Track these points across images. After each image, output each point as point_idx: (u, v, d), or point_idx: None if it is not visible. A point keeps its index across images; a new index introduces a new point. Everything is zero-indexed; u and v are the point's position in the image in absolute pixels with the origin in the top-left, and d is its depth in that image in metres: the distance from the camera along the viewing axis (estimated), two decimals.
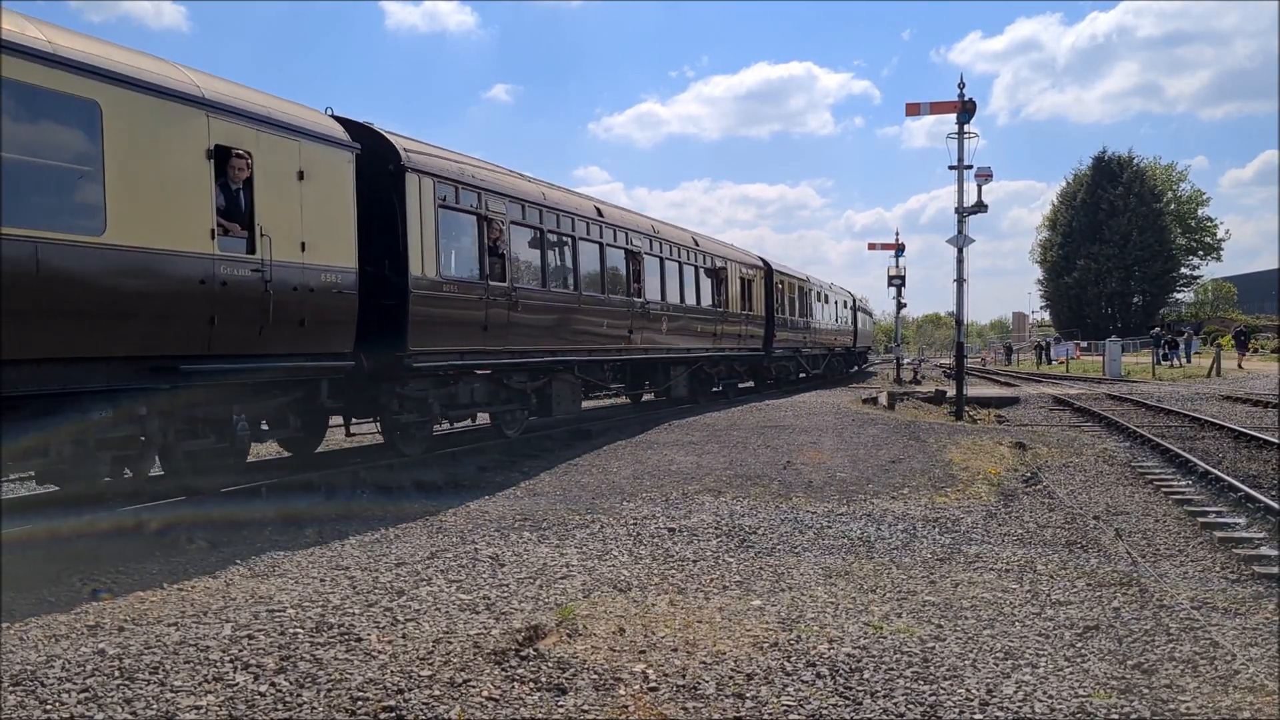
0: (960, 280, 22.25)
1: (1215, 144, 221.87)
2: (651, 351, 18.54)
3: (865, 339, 48.85)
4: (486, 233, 12.62)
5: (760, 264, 26.40)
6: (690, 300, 20.66)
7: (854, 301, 42.79)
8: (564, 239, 15.10)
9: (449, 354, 12.00)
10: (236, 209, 8.83)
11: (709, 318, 21.61)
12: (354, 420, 12.09)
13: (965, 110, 21.49)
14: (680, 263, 20.14)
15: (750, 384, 28.16)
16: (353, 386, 10.95)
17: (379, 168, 10.94)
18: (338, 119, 10.68)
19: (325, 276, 9.77)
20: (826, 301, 35.63)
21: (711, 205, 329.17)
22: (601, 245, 16.33)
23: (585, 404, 20.88)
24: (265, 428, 10.18)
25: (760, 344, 25.75)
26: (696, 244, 21.45)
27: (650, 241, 18.51)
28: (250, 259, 8.87)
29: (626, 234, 17.39)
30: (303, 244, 9.47)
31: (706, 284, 21.65)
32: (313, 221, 9.64)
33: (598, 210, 16.47)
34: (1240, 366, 40.76)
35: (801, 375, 32.56)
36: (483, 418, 14.58)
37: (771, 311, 26.46)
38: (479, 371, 13.09)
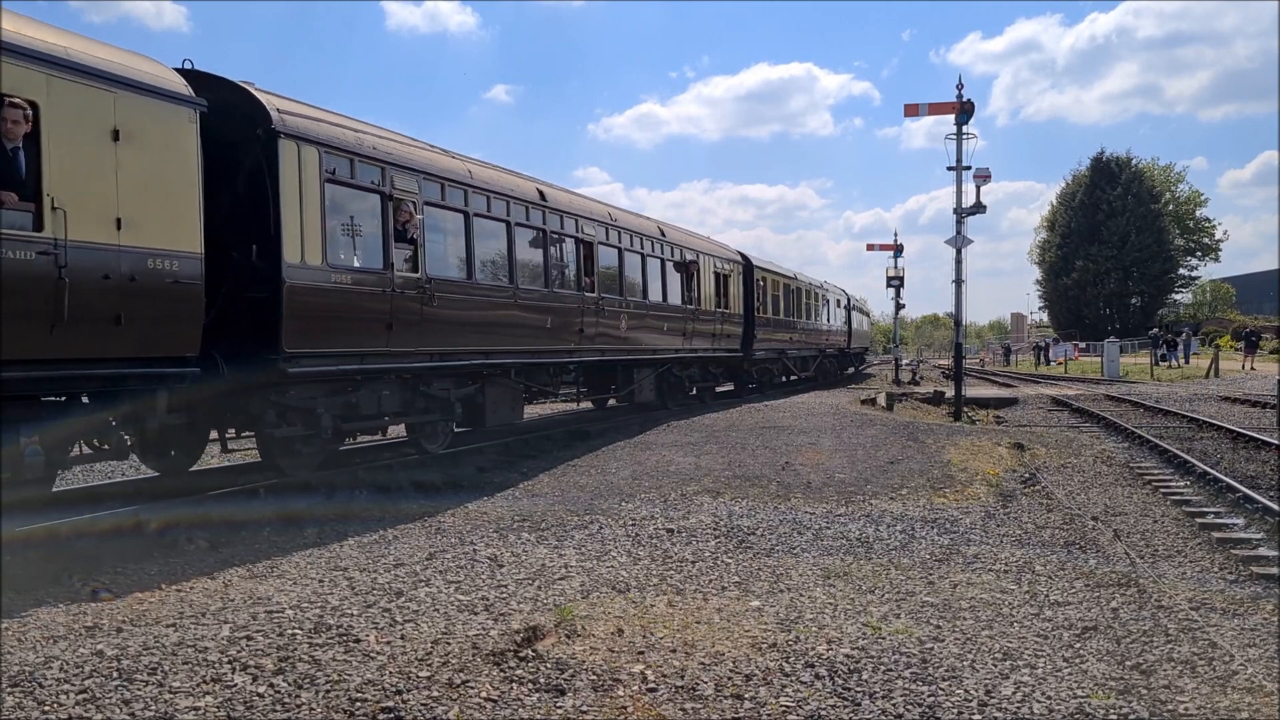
0: (959, 281, 22.28)
1: (1214, 145, 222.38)
2: (610, 353, 16.73)
3: (861, 339, 47.25)
4: (393, 215, 10.83)
5: (738, 258, 24.86)
6: (656, 296, 18.88)
7: (848, 300, 41.45)
8: (497, 224, 13.25)
9: (342, 356, 10.24)
10: (12, 174, 7.00)
11: (678, 315, 19.84)
12: (231, 434, 10.33)
13: (964, 111, 21.53)
14: (644, 254, 18.30)
15: (729, 387, 26.64)
16: (217, 396, 9.22)
17: (245, 132, 9.22)
18: (187, 72, 8.98)
19: (154, 263, 7.89)
20: (816, 300, 34.01)
21: (711, 206, 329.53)
22: (544, 233, 14.38)
23: (534, 411, 19.85)
24: (92, 449, 8.51)
25: (738, 344, 24.14)
26: (663, 234, 19.67)
27: (607, 230, 16.64)
28: (36, 238, 7.01)
29: (577, 221, 15.49)
30: (119, 221, 7.60)
31: (675, 279, 19.93)
32: (135, 194, 7.76)
33: (540, 193, 14.50)
34: (1248, 368, 40.20)
35: (789, 378, 31.20)
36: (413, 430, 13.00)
37: (751, 310, 24.81)
38: (393, 377, 11.41)
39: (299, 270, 9.42)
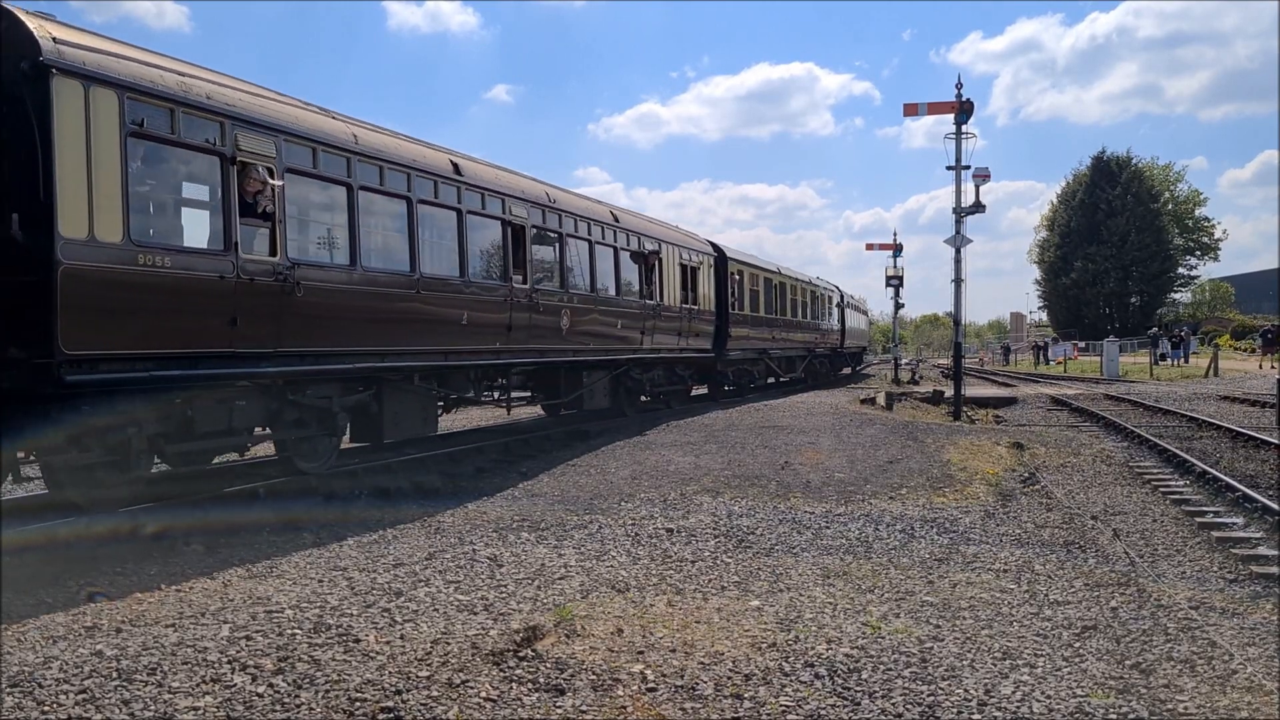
0: (958, 280, 22.27)
1: (1214, 144, 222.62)
2: (549, 353, 14.62)
3: (857, 339, 45.28)
4: (238, 183, 8.77)
5: (709, 250, 22.77)
6: (607, 289, 16.69)
7: (841, 298, 39.55)
8: (394, 201, 11.19)
9: (160, 360, 8.14)
10: None
11: (635, 311, 17.65)
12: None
13: (963, 111, 21.51)
14: (592, 242, 16.09)
15: (704, 390, 24.97)
16: None
17: (7, 66, 7.28)
18: None
19: None
20: (805, 296, 31.96)
21: (711, 206, 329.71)
22: (460, 213, 12.29)
23: (458, 419, 17.79)
24: None
25: (710, 343, 22.10)
26: (616, 220, 17.47)
27: (544, 212, 14.48)
28: None
29: (504, 201, 13.36)
30: None
31: (632, 270, 17.82)
32: None
33: (454, 166, 12.40)
34: (1266, 367, 39.40)
35: (774, 380, 29.53)
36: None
37: (725, 305, 22.81)
38: (249, 384, 9.38)
39: (84, 249, 7.39)
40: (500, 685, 4.61)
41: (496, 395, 14.70)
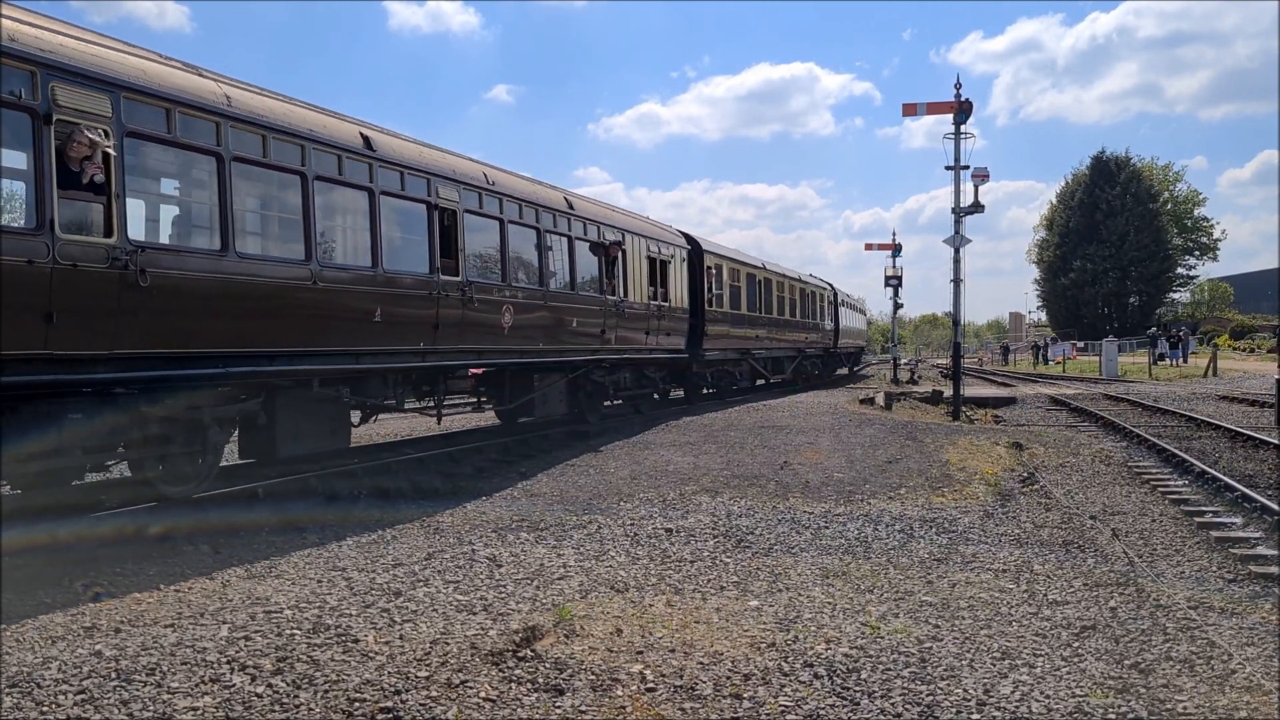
0: (957, 280, 22.27)
1: (1214, 144, 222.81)
2: (488, 354, 13.01)
3: (852, 338, 43.47)
4: (56, 147, 7.17)
5: (682, 242, 21.11)
6: (559, 283, 15.05)
7: (835, 295, 37.90)
8: (282, 176, 9.59)
9: None
10: None
11: (593, 308, 16.02)
12: None
13: (961, 111, 21.51)
14: (540, 230, 14.43)
15: (682, 393, 23.44)
16: None
17: None
18: None
19: None
20: (793, 293, 30.26)
21: (711, 206, 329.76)
22: (372, 193, 10.63)
23: (381, 428, 16.61)
24: None
25: (683, 343, 20.53)
26: (571, 207, 15.69)
27: (480, 196, 12.87)
28: None
29: (430, 181, 11.73)
30: None
31: (590, 263, 16.20)
32: None
33: (363, 138, 10.69)
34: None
35: (764, 382, 28.31)
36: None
37: (700, 302, 21.30)
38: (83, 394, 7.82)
39: None
40: (499, 685, 4.61)
41: (441, 400, 13.12)
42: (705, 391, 23.77)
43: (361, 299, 10.40)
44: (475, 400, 14.67)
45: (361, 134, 10.72)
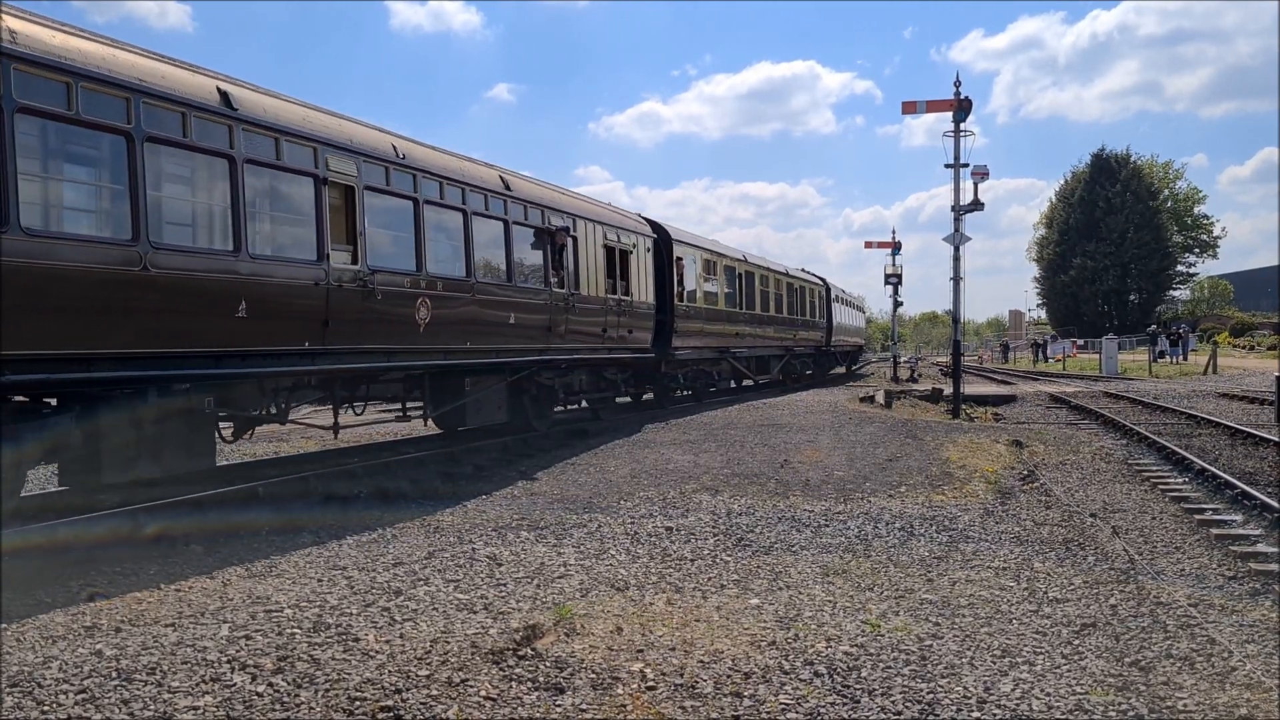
0: (957, 278, 22.26)
1: (1214, 142, 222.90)
2: (399, 354, 11.36)
3: (849, 336, 41.95)
4: None
5: (646, 230, 19.31)
6: (493, 273, 13.40)
7: (828, 291, 36.16)
8: (98, 137, 7.92)
9: None
10: None
11: (537, 302, 14.38)
12: None
13: (961, 108, 21.49)
14: (469, 213, 12.71)
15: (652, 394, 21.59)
16: None
17: None
18: None
19: None
20: (779, 288, 28.60)
21: (712, 204, 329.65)
22: (233, 161, 8.98)
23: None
24: None
25: (649, 341, 18.86)
26: (508, 188, 13.88)
27: (387, 171, 11.15)
28: None
29: (316, 150, 10.01)
30: None
31: (533, 251, 14.51)
32: None
33: (224, 96, 8.96)
34: None
35: (748, 383, 27.00)
36: None
37: (669, 296, 19.72)
38: None
39: None
40: (500, 684, 4.61)
41: (338, 408, 11.51)
42: (679, 393, 22.29)
43: (218, 290, 8.72)
44: (400, 408, 13.03)
45: (219, 89, 8.97)
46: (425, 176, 11.90)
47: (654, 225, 19.98)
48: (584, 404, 17.95)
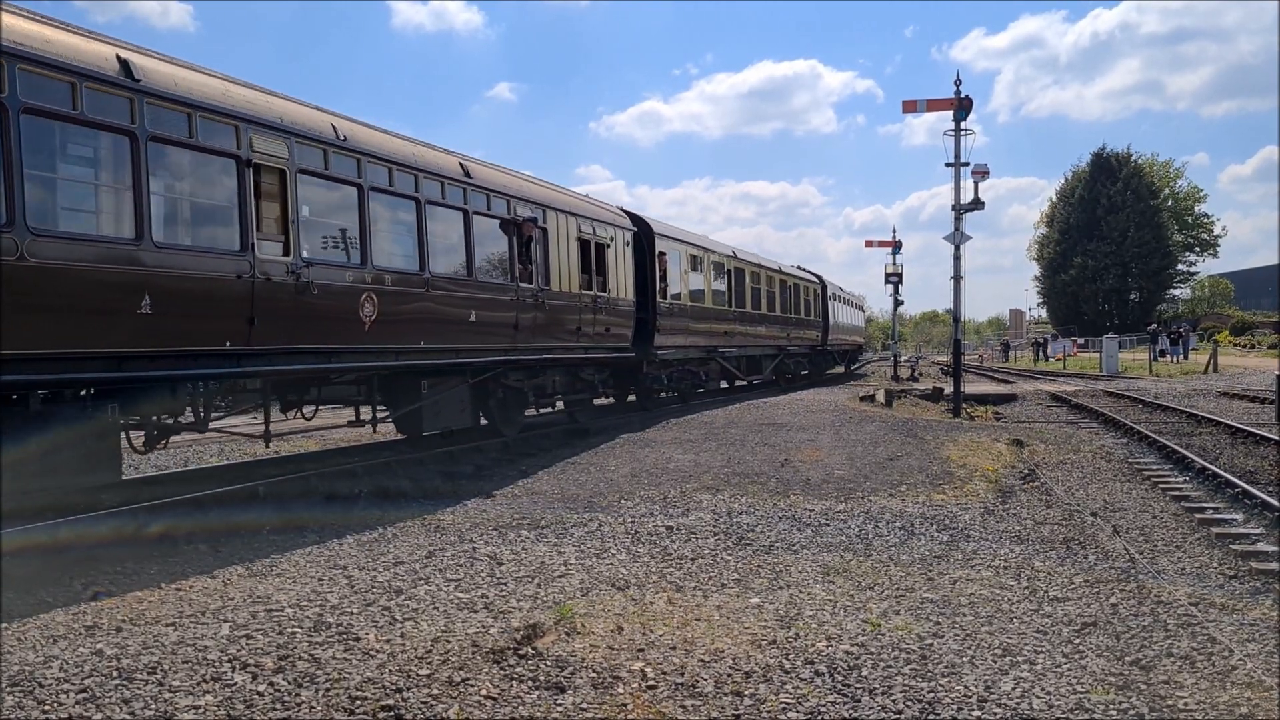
0: (957, 277, 22.25)
1: (1216, 141, 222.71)
2: (341, 355, 10.41)
3: (846, 334, 41.09)
4: None
5: (626, 223, 18.35)
6: (448, 266, 12.37)
7: (824, 289, 35.34)
8: None
9: None
10: None
11: (502, 298, 13.42)
12: None
13: (961, 107, 21.47)
14: (421, 201, 11.76)
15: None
16: None
17: None
18: None
19: None
20: (772, 285, 27.73)
21: (713, 204, 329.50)
22: (134, 138, 7.99)
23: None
24: None
25: (629, 340, 18.00)
26: (468, 175, 12.95)
27: (326, 154, 10.18)
28: None
29: (238, 129, 9.07)
30: None
31: (497, 243, 13.56)
32: None
33: (125, 66, 8.01)
34: None
35: (741, 383, 26.35)
36: None
37: (651, 293, 18.83)
38: None
39: None
40: (501, 683, 4.62)
41: (269, 413, 10.46)
42: (663, 395, 21.20)
43: (115, 283, 7.77)
44: (355, 413, 12.32)
45: (120, 57, 7.98)
46: (372, 161, 10.93)
47: (634, 218, 19.14)
48: (559, 406, 17.05)
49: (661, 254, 19.56)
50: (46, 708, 4.27)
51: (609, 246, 17.06)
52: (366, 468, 11.40)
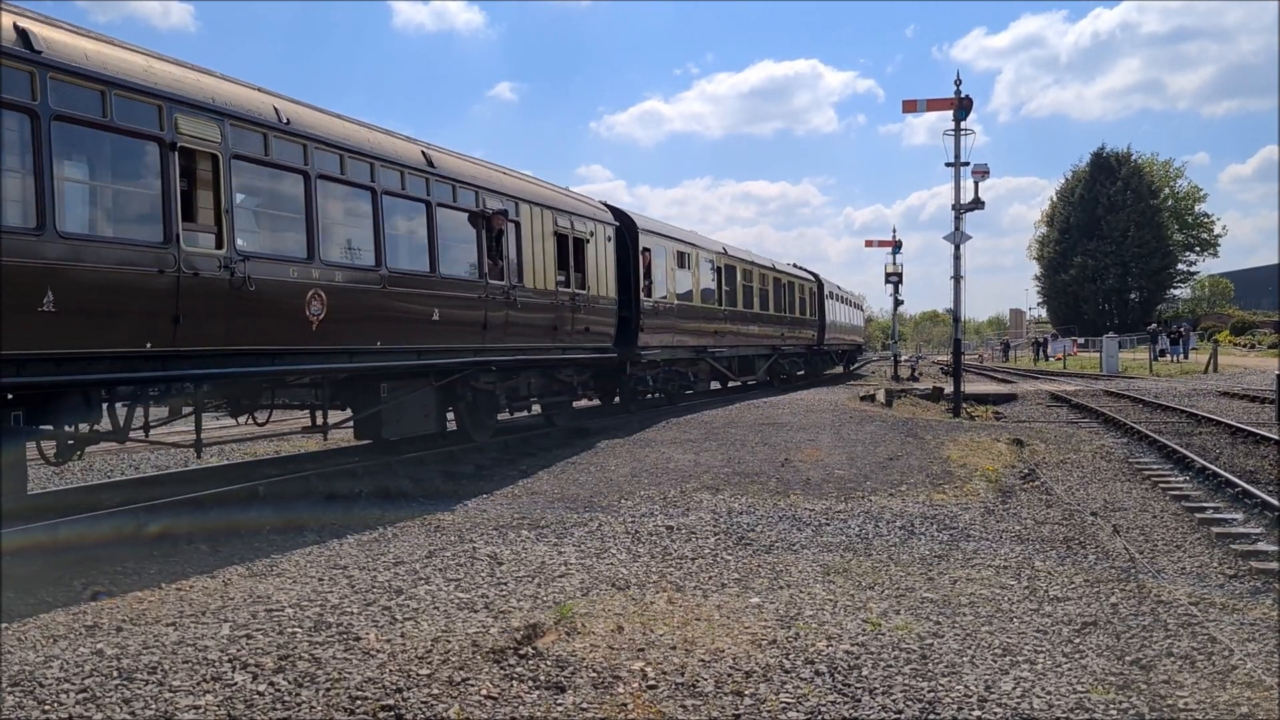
0: (957, 277, 22.26)
1: (1216, 140, 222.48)
2: (286, 356, 9.64)
3: (844, 334, 40.35)
4: None
5: (607, 217, 17.56)
6: (408, 261, 11.60)
7: (820, 287, 34.66)
8: None
9: None
10: None
11: (469, 296, 12.66)
12: None
13: (961, 107, 21.47)
14: (377, 191, 10.92)
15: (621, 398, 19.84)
16: None
17: None
18: None
19: None
20: (765, 284, 27.06)
21: (713, 203, 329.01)
22: (35, 117, 7.18)
23: None
24: None
25: (610, 340, 17.26)
26: (431, 165, 12.14)
27: (267, 139, 9.36)
28: None
29: (162, 109, 8.21)
30: None
31: (462, 237, 12.75)
32: None
33: (21, 34, 7.16)
34: None
35: (734, 384, 25.85)
36: None
37: (635, 290, 18.12)
38: None
39: None
40: (501, 683, 4.62)
41: (200, 421, 9.73)
42: (649, 396, 20.32)
43: (11, 277, 6.90)
44: (310, 418, 11.74)
45: (18, 27, 7.15)
46: (320, 147, 10.05)
47: (617, 212, 18.33)
48: (536, 409, 16.31)
49: (646, 250, 18.89)
50: (47, 708, 4.27)
51: (588, 241, 16.31)
52: (366, 468, 11.40)
